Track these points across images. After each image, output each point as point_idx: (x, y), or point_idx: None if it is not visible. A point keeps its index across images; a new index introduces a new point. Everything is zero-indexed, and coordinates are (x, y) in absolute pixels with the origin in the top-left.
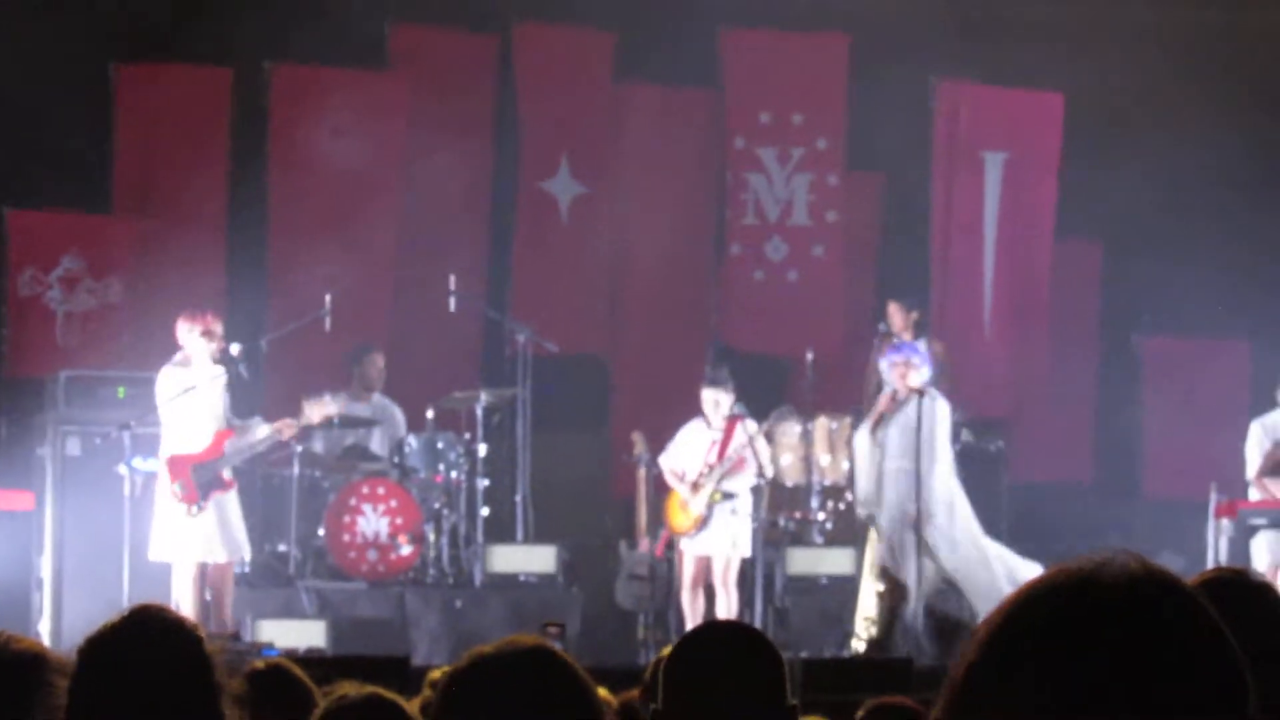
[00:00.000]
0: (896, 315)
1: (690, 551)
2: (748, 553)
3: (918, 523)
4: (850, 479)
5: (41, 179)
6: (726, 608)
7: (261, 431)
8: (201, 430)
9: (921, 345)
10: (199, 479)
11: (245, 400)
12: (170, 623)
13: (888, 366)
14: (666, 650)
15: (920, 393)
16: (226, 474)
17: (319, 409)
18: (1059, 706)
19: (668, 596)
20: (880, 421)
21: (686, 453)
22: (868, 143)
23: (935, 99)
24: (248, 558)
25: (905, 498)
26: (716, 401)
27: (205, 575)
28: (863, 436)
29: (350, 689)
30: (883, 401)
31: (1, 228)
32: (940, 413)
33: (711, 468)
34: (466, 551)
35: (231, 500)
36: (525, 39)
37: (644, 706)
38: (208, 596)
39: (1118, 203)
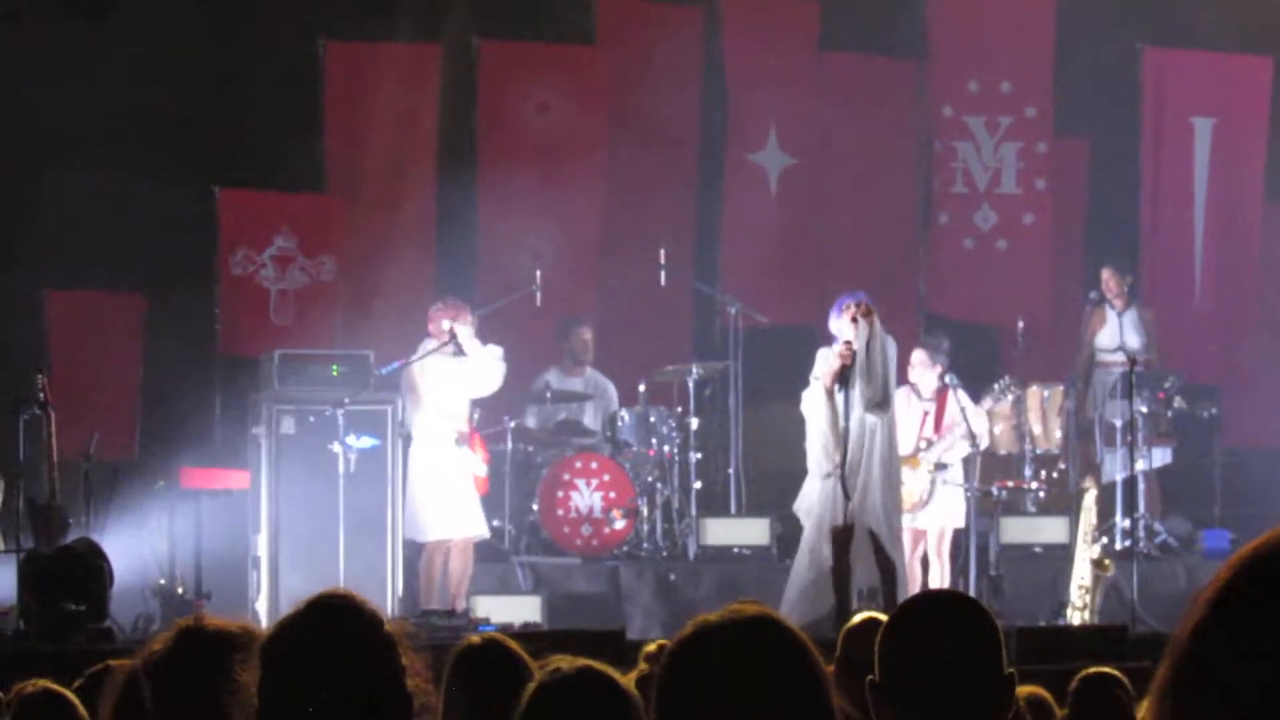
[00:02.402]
0: (1111, 281)
1: (907, 525)
2: (961, 523)
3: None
4: (1063, 447)
5: (252, 159)
6: (940, 578)
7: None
8: (462, 413)
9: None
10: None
11: None
12: (346, 609)
13: (838, 316)
14: (856, 620)
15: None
16: None
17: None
18: None
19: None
20: (840, 377)
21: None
22: (1075, 109)
23: (1142, 65)
24: (486, 533)
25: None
26: (925, 365)
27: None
28: (817, 395)
29: (563, 662)
30: (840, 355)
31: (214, 208)
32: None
33: (929, 442)
34: (680, 525)
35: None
36: (732, 10)
37: (838, 680)
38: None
39: None
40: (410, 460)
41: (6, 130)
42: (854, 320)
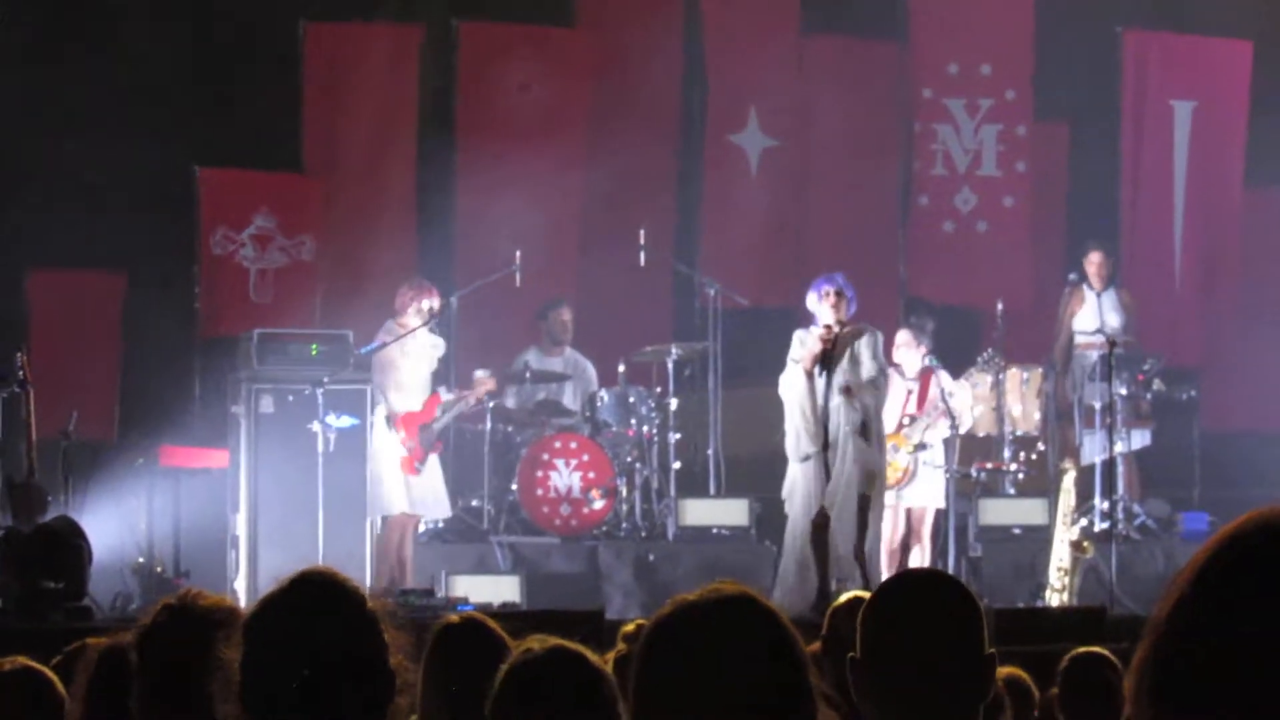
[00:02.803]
0: (1103, 263)
1: (889, 503)
2: (942, 503)
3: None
4: (1043, 429)
5: (232, 138)
6: (922, 558)
7: (451, 396)
8: (419, 393)
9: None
10: (423, 439)
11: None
12: (329, 586)
13: (817, 298)
14: (841, 600)
15: (846, 325)
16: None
17: (481, 386)
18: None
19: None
20: (819, 360)
21: None
22: (1055, 91)
23: (1122, 48)
24: (447, 514)
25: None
26: (909, 346)
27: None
28: (795, 378)
29: (535, 642)
30: (820, 339)
31: (193, 187)
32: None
33: (913, 418)
34: (659, 505)
35: (437, 460)
36: None
37: (824, 659)
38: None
39: None
40: (377, 438)
41: None
42: (833, 305)
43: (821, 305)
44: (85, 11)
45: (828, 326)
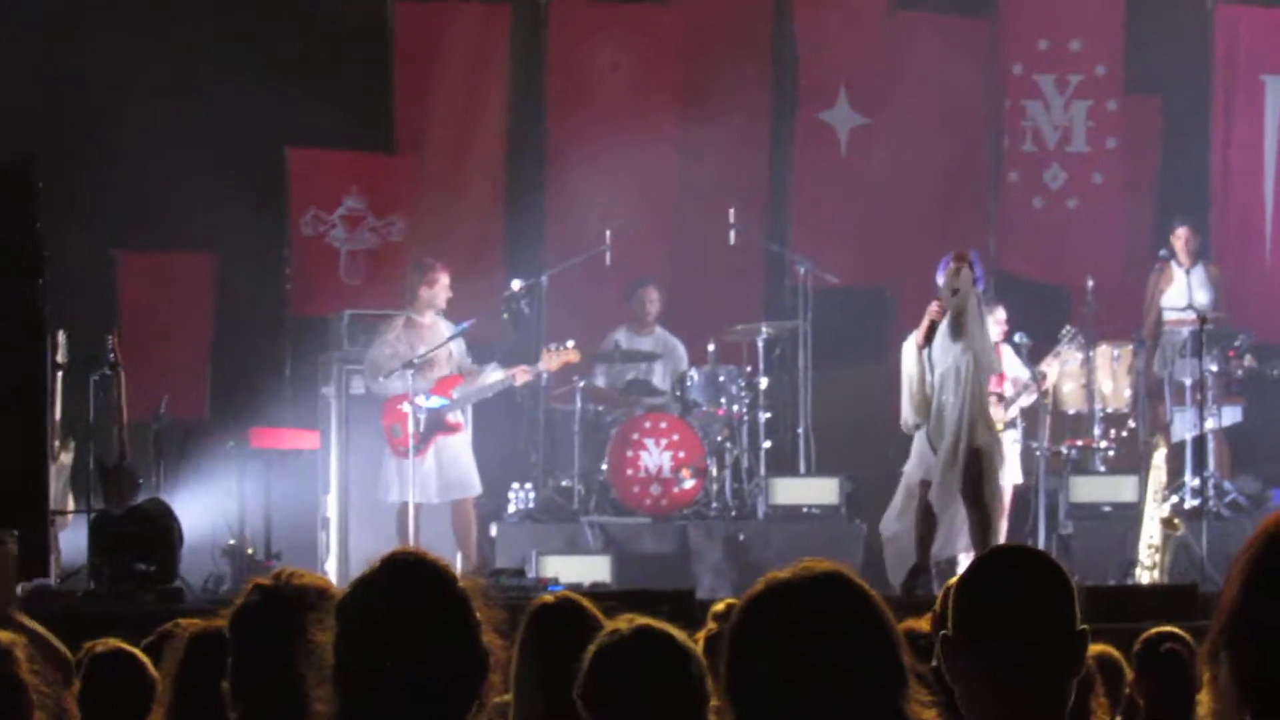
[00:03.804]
0: (1191, 239)
1: None
2: (1020, 479)
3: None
4: (1133, 406)
5: (322, 118)
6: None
7: (494, 377)
8: (428, 377)
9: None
10: (420, 424)
11: (530, 335)
12: (420, 567)
13: (940, 270)
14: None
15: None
16: (453, 418)
17: (557, 357)
18: None
19: None
20: (929, 334)
21: None
22: (1145, 66)
23: (1214, 21)
24: (476, 493)
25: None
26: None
27: (451, 515)
28: (907, 350)
29: (622, 623)
30: (929, 313)
31: (283, 168)
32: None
33: (1000, 395)
34: (749, 484)
35: (456, 442)
36: None
37: (935, 635)
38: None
39: None
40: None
41: (76, 88)
42: (951, 274)
43: (941, 276)
44: None
45: (938, 300)
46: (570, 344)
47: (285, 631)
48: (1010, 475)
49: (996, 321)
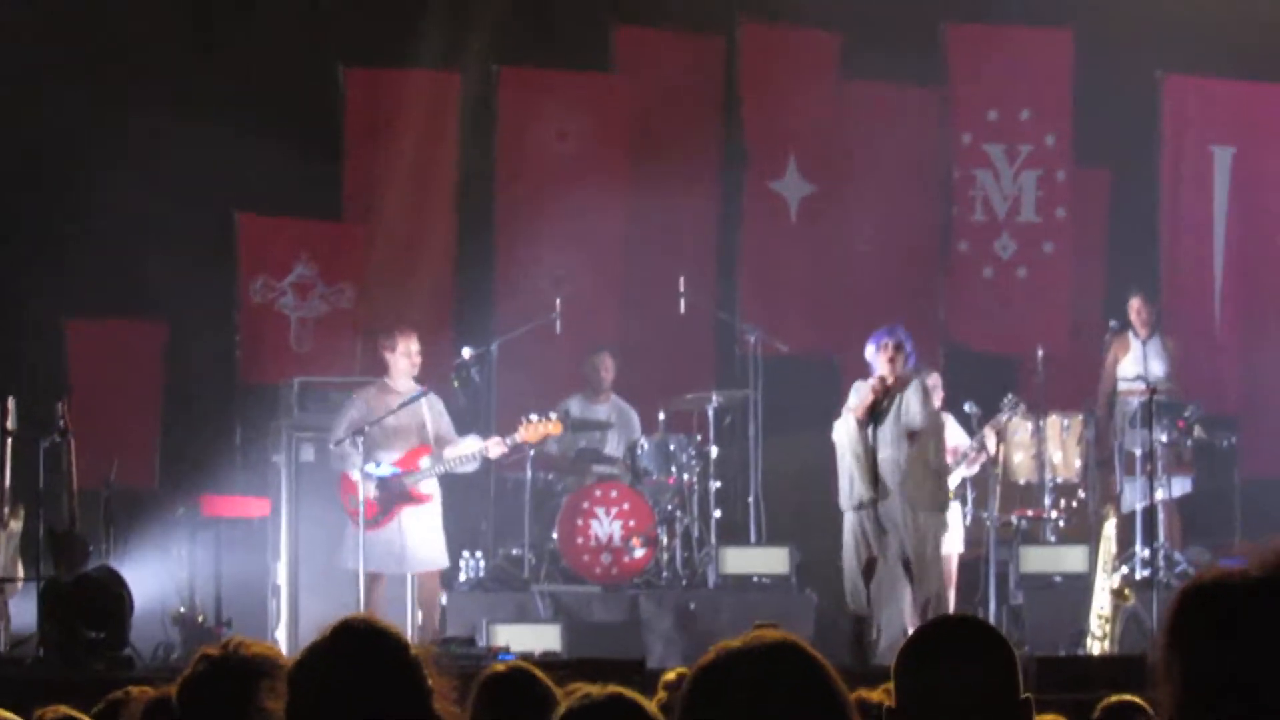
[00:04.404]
0: (1143, 309)
1: None
2: (962, 549)
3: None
4: (1083, 476)
5: (272, 185)
6: (949, 605)
7: (470, 447)
8: (393, 445)
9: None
10: (381, 495)
11: (481, 403)
12: (372, 634)
13: (875, 350)
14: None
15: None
16: (423, 488)
17: (538, 429)
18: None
19: None
20: (871, 411)
21: None
22: (1094, 138)
23: (1162, 93)
24: (440, 566)
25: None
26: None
27: (414, 587)
28: (846, 428)
29: (592, 688)
30: (872, 390)
31: (233, 234)
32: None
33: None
34: (700, 553)
35: (423, 514)
36: (751, 40)
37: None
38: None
39: None
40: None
41: (26, 156)
42: (890, 359)
43: (879, 357)
44: (122, 56)
45: (881, 378)
46: (553, 415)
47: (235, 700)
48: (953, 544)
49: (932, 386)
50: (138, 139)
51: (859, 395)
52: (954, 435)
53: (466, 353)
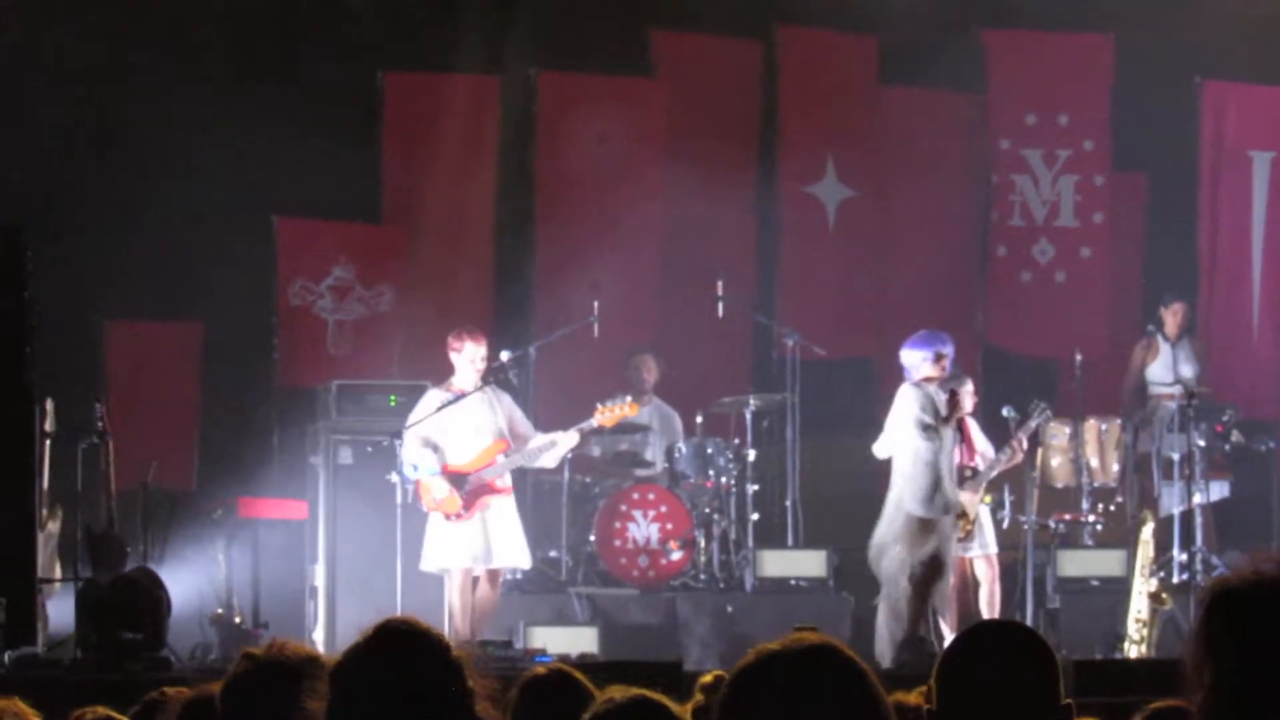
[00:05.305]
0: (1182, 313)
1: (958, 554)
2: (995, 548)
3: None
4: (1121, 480)
5: (310, 188)
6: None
7: (544, 439)
8: (467, 444)
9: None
10: (463, 490)
11: (519, 405)
12: (414, 635)
13: (932, 359)
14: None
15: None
16: (500, 482)
17: (614, 413)
18: None
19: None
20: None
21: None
22: (1133, 143)
23: (1201, 98)
24: (524, 565)
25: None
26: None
27: (482, 583)
28: (936, 435)
29: (617, 692)
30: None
31: (271, 237)
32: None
33: (974, 469)
34: (737, 556)
35: (504, 507)
36: (789, 44)
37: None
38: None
39: None
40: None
41: (63, 158)
42: (945, 367)
43: (935, 367)
44: (163, 59)
45: (953, 391)
46: (628, 398)
47: (277, 701)
48: (989, 546)
49: (966, 394)
50: (178, 143)
51: (936, 403)
52: (981, 442)
53: (505, 356)
